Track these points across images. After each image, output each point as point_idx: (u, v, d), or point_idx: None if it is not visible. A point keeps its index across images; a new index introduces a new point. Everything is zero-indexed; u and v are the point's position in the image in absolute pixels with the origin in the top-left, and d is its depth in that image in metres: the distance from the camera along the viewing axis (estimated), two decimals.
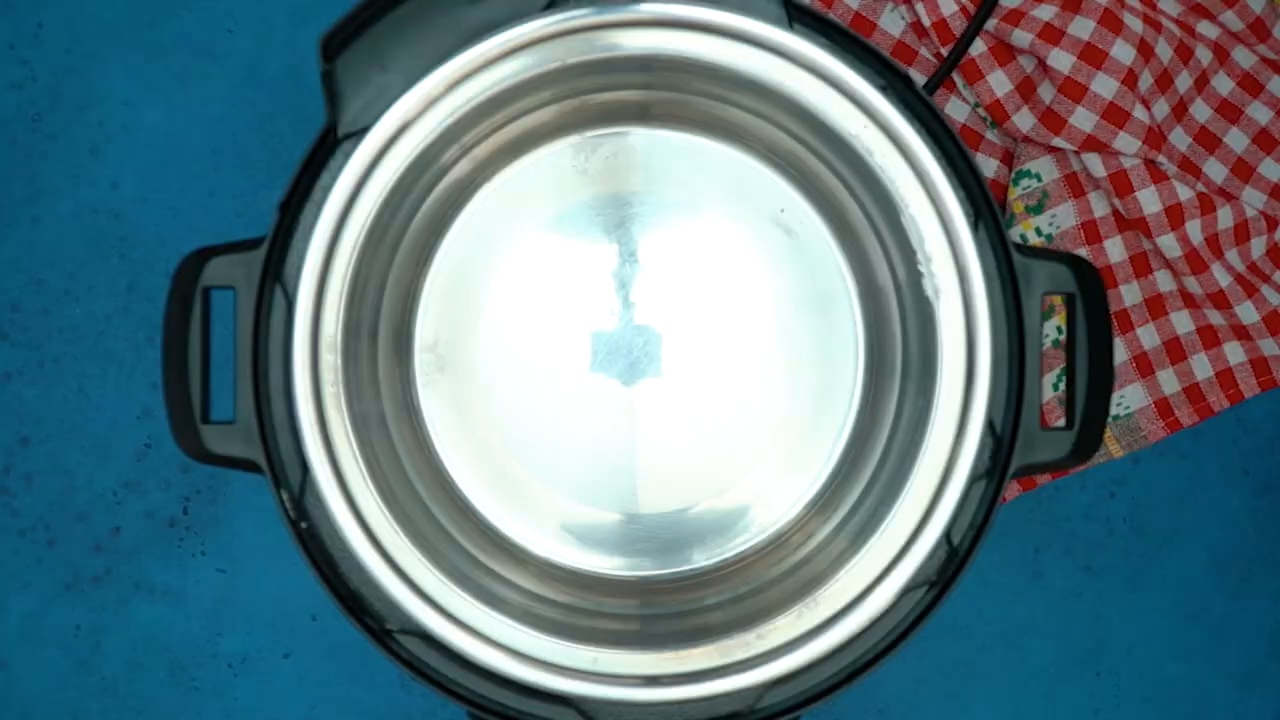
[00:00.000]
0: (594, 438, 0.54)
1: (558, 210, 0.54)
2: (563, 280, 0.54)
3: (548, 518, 0.54)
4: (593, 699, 0.48)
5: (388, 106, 0.48)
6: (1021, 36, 0.64)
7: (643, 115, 0.54)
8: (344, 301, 0.49)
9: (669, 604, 0.53)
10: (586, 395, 0.54)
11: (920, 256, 0.49)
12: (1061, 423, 0.62)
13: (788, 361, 0.55)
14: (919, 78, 0.67)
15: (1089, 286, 0.50)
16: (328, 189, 0.49)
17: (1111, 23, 0.63)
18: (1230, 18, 0.66)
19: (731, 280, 0.55)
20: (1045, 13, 0.64)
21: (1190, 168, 0.67)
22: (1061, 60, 0.63)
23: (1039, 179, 0.66)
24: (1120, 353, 0.66)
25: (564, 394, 0.54)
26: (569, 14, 0.48)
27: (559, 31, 0.48)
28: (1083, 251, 0.66)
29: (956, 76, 0.66)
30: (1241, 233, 0.65)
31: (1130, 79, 0.62)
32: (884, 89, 0.49)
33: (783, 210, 0.54)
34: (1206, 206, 0.64)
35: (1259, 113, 0.67)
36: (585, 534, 0.54)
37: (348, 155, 0.48)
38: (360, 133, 0.49)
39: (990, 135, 0.68)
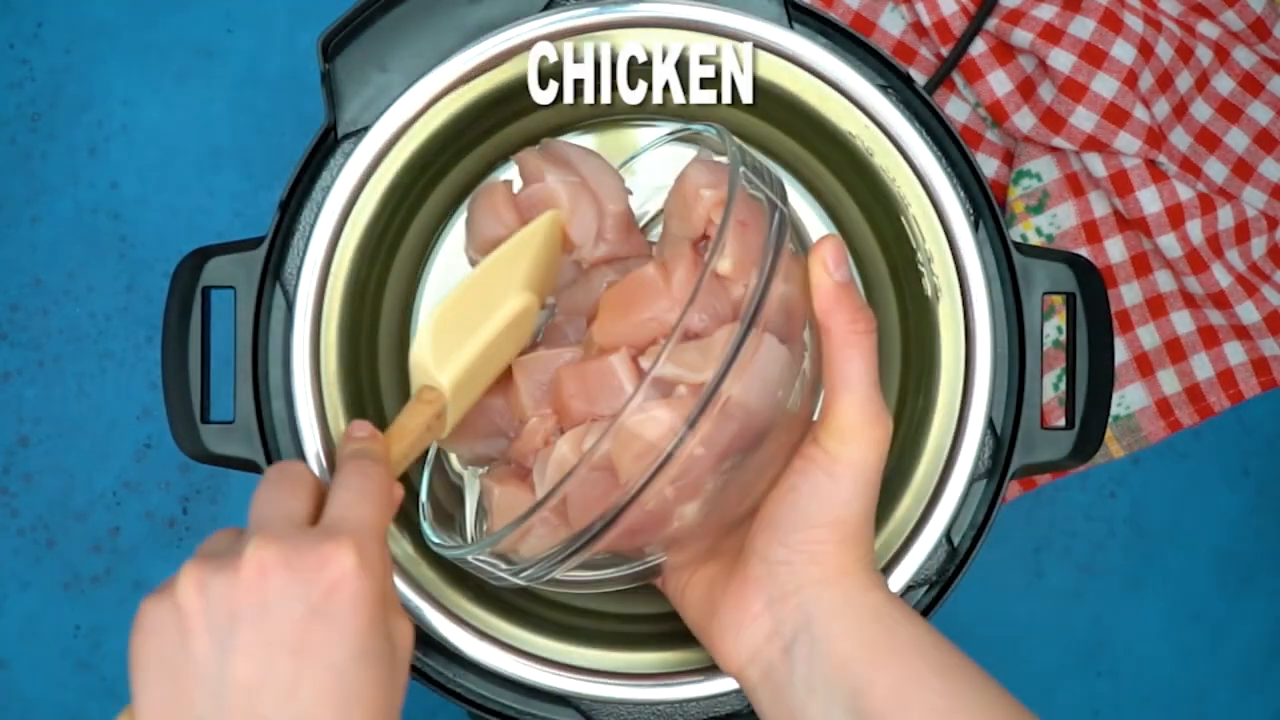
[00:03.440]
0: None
1: None
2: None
3: None
4: (592, 698, 0.48)
5: (388, 106, 0.48)
6: (1022, 36, 0.64)
7: (642, 113, 0.54)
8: (344, 302, 0.49)
9: (669, 603, 0.52)
10: None
11: (920, 257, 0.49)
12: (1061, 423, 0.62)
13: None
14: (919, 78, 0.67)
15: (1089, 286, 0.50)
16: (327, 189, 0.48)
17: (1112, 22, 0.63)
18: (1231, 17, 0.66)
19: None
20: (1045, 12, 0.64)
21: (1190, 167, 0.67)
22: (1062, 60, 0.63)
23: (1039, 179, 0.66)
24: (1120, 353, 0.66)
25: None
26: (569, 14, 0.48)
27: (559, 32, 0.48)
28: (1083, 251, 0.66)
29: (956, 76, 0.66)
30: (1242, 232, 0.65)
31: (1131, 79, 0.62)
32: (884, 89, 0.49)
33: None
34: (1207, 206, 0.64)
35: (1259, 112, 0.66)
36: None
37: (348, 155, 0.48)
38: (360, 133, 0.49)
39: (990, 135, 0.68)
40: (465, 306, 0.44)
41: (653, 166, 0.49)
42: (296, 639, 0.34)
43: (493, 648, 0.48)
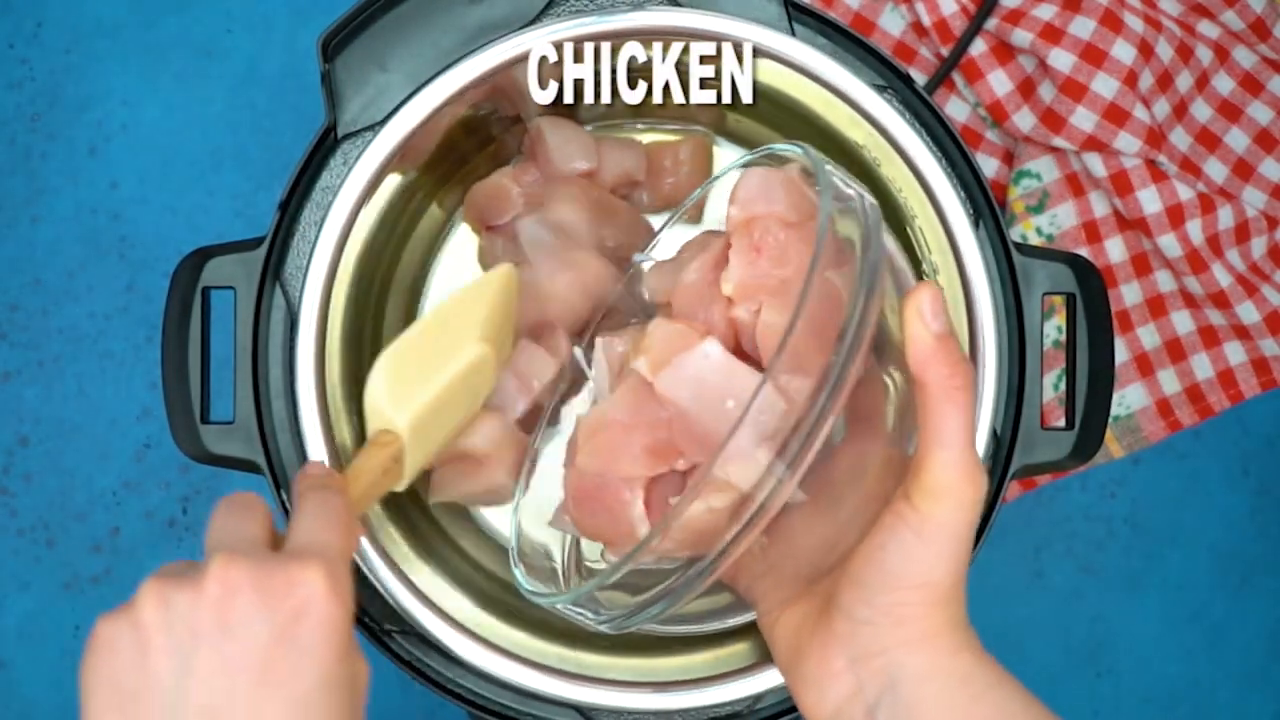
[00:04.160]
0: None
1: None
2: None
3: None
4: (591, 705, 0.48)
5: (387, 106, 0.48)
6: (1022, 36, 0.63)
7: (646, 116, 0.54)
8: (349, 302, 0.49)
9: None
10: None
11: (926, 268, 0.49)
12: (1061, 423, 0.62)
13: None
14: (919, 78, 0.67)
15: (1089, 286, 0.50)
16: (327, 189, 0.48)
17: (1112, 22, 0.63)
18: (1231, 17, 0.66)
19: None
20: (1045, 12, 0.64)
21: (1191, 167, 0.67)
22: (1062, 60, 0.63)
23: (1039, 179, 0.66)
24: (1121, 353, 0.66)
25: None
26: (574, 21, 0.48)
27: (564, 39, 0.48)
28: (1083, 251, 0.66)
29: (956, 76, 0.66)
30: (1242, 232, 0.65)
31: (1131, 79, 0.62)
32: (884, 89, 0.49)
33: None
34: (1207, 206, 0.64)
35: (1259, 112, 0.66)
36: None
37: (347, 155, 0.48)
38: (360, 133, 0.49)
39: (990, 135, 0.68)
40: (420, 350, 0.43)
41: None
42: (261, 665, 0.32)
43: (493, 652, 0.48)
